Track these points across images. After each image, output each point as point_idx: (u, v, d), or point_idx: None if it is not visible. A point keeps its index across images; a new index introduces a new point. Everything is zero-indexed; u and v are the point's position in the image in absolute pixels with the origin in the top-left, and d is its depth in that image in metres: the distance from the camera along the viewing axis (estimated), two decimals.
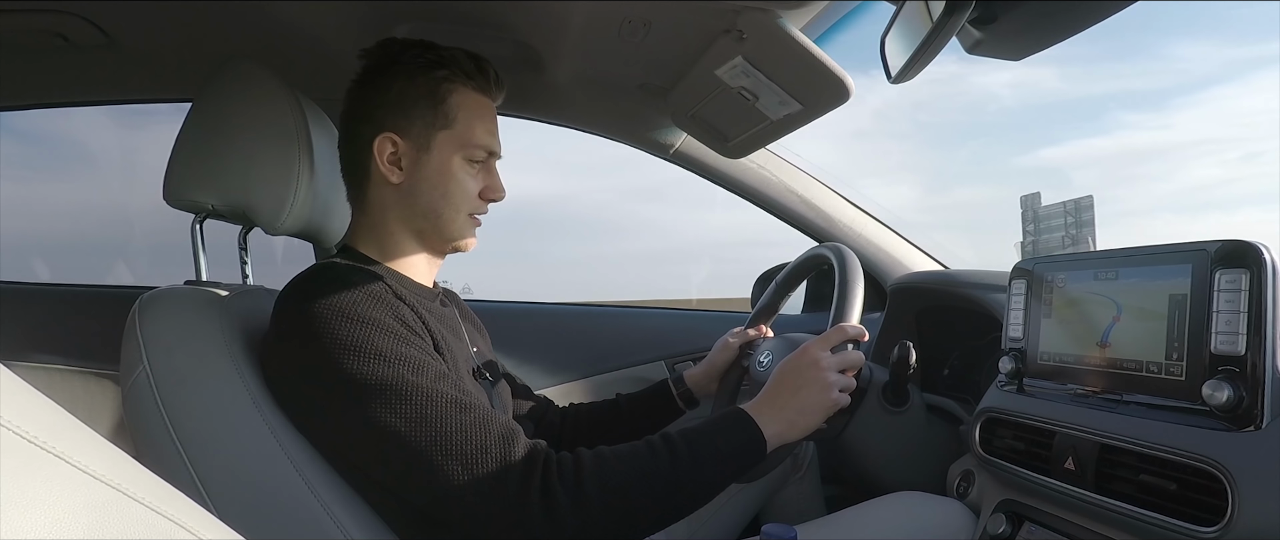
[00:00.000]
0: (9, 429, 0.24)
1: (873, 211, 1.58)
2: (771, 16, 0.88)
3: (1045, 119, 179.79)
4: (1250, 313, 0.68)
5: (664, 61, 1.09)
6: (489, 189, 0.88)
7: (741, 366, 1.14)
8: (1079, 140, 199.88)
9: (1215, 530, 0.65)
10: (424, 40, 0.86)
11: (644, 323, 1.71)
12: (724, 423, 0.81)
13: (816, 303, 1.70)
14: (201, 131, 0.86)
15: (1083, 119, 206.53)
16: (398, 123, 0.83)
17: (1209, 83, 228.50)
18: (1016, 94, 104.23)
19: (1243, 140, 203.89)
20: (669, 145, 1.45)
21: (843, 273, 0.94)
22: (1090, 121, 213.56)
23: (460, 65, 0.85)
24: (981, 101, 63.95)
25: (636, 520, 0.73)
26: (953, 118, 36.92)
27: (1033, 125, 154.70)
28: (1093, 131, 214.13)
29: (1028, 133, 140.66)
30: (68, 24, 1.06)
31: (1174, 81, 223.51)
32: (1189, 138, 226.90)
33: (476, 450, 0.69)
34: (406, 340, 0.73)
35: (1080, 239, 20.12)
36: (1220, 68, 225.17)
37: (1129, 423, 0.76)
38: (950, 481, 1.05)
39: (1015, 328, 0.96)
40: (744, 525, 1.22)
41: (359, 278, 0.76)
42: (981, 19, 0.67)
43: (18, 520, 0.22)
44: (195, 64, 1.19)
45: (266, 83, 0.87)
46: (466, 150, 0.85)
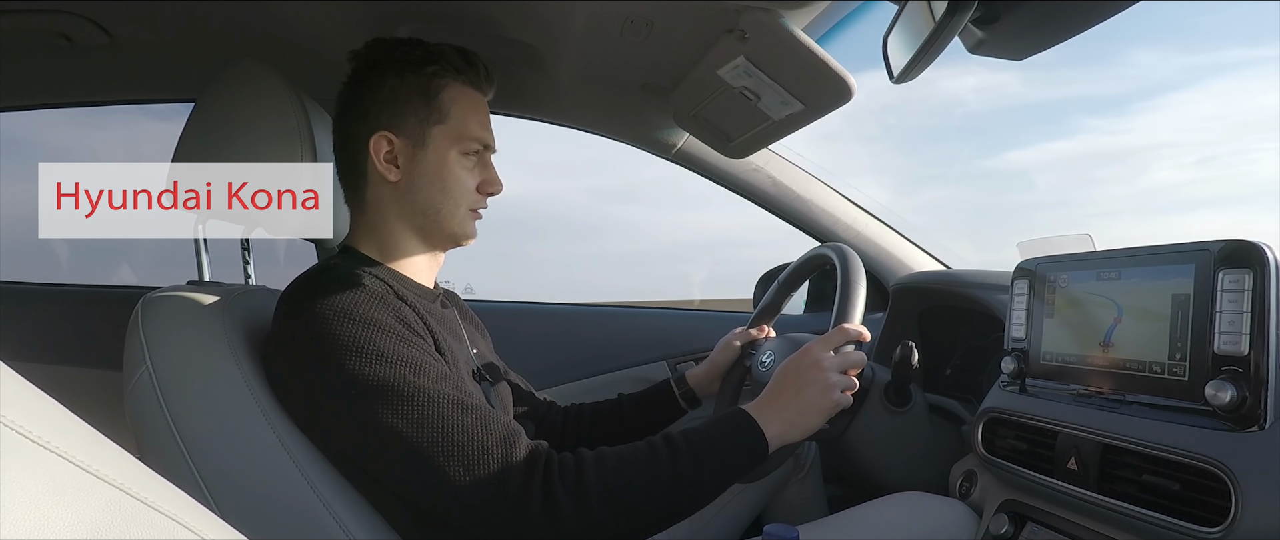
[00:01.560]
0: (11, 428, 0.24)
1: (875, 211, 1.58)
2: (774, 16, 0.88)
3: (1009, 122, 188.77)
4: (1253, 313, 0.67)
5: (666, 61, 1.09)
6: (486, 182, 0.88)
7: (743, 367, 1.14)
8: (1043, 144, 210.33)
9: (1218, 531, 0.64)
10: (412, 38, 0.86)
11: (646, 323, 1.71)
12: (726, 423, 0.80)
13: (819, 303, 1.70)
14: (204, 131, 0.86)
15: (1046, 123, 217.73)
16: (392, 121, 0.83)
17: (1166, 88, 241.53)
18: (981, 98, 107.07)
19: (1198, 144, 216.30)
20: (671, 145, 1.45)
21: (845, 273, 0.94)
22: (1053, 125, 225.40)
23: (450, 60, 0.85)
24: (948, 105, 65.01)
25: (638, 520, 0.73)
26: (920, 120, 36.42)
27: (997, 129, 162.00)
28: (1055, 135, 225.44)
29: (993, 136, 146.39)
30: (71, 24, 1.06)
31: (1133, 87, 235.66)
32: (1147, 142, 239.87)
33: (478, 451, 0.69)
34: (408, 341, 0.73)
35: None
36: (1177, 74, 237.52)
37: (1132, 423, 0.76)
38: (952, 482, 1.05)
39: (1018, 328, 0.96)
40: (746, 525, 1.22)
41: (360, 278, 0.76)
42: (984, 19, 0.67)
43: (21, 520, 0.22)
44: (198, 64, 1.19)
45: (269, 82, 0.87)
46: (461, 144, 0.85)
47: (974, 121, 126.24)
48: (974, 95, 61.47)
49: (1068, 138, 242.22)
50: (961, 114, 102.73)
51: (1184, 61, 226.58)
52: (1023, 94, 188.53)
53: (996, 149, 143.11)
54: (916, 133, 51.67)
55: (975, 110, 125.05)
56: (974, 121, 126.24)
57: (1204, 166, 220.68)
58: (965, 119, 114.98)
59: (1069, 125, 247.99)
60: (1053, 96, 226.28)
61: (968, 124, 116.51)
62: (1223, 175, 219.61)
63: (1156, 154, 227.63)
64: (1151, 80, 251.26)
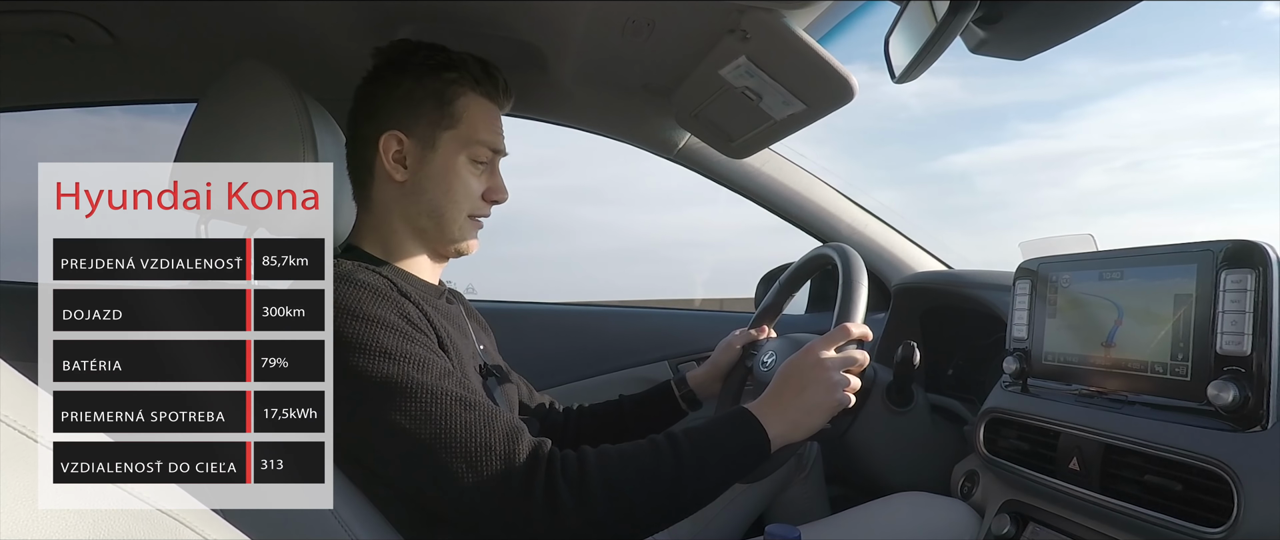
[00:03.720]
0: (10, 426, 0.24)
1: (877, 211, 1.58)
2: (775, 16, 0.88)
3: (951, 127, 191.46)
4: (1256, 313, 0.67)
5: (667, 61, 1.08)
6: (492, 190, 0.89)
7: (745, 367, 1.14)
8: (983, 148, 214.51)
9: (1221, 531, 0.64)
10: (437, 44, 0.87)
11: (647, 323, 1.70)
12: (728, 423, 0.80)
13: (820, 303, 1.70)
14: (206, 131, 0.86)
15: (986, 128, 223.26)
16: (403, 121, 0.84)
17: (1097, 96, 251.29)
18: (924, 103, 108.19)
19: (1127, 150, 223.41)
20: (673, 145, 1.45)
21: (847, 273, 0.94)
22: (993, 130, 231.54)
23: (470, 70, 0.86)
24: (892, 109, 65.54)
25: (640, 519, 0.73)
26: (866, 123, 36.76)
27: (940, 133, 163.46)
28: (995, 140, 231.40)
29: (936, 140, 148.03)
30: (73, 24, 1.06)
31: (1067, 93, 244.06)
32: (1081, 147, 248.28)
33: (481, 448, 0.69)
34: (411, 337, 0.73)
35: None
36: (1107, 82, 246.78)
37: (1134, 423, 0.76)
38: (954, 482, 1.05)
39: (1020, 328, 0.96)
40: (748, 525, 1.22)
41: (363, 275, 0.76)
42: (986, 18, 0.67)
43: (21, 517, 0.22)
44: (201, 63, 1.19)
45: (272, 82, 0.87)
46: (471, 149, 0.86)
47: (918, 126, 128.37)
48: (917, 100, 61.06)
49: (1006, 142, 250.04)
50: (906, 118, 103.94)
51: (1114, 71, 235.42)
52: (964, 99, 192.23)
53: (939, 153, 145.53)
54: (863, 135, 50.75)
55: (919, 114, 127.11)
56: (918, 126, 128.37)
57: (1132, 171, 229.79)
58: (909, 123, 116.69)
59: (1007, 130, 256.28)
60: (992, 102, 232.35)
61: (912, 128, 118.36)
62: (1150, 180, 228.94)
63: (1089, 159, 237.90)
64: (1084, 88, 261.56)
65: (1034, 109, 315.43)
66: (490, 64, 0.88)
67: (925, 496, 0.98)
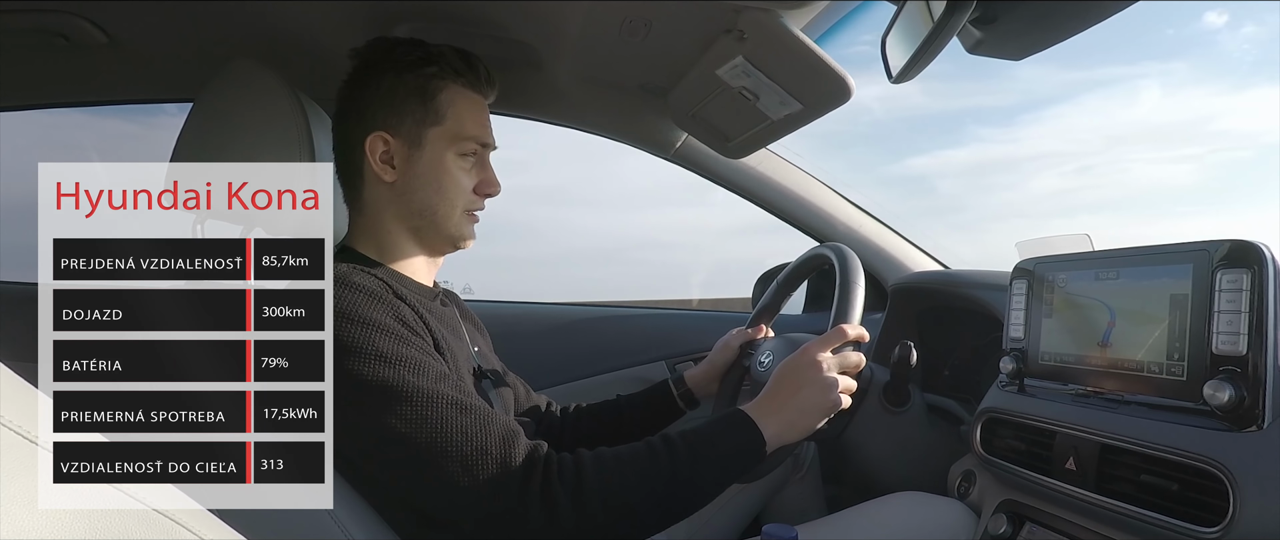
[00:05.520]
0: (9, 428, 0.24)
1: (873, 211, 1.58)
2: (772, 16, 0.88)
3: (911, 131, 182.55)
4: (1251, 313, 0.68)
5: (664, 61, 1.08)
6: (484, 183, 0.88)
7: (742, 367, 1.14)
8: (941, 151, 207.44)
9: (1216, 531, 0.65)
10: (413, 38, 0.86)
11: (644, 323, 1.70)
12: (724, 424, 0.80)
13: (817, 303, 1.70)
14: (203, 131, 0.86)
15: (943, 132, 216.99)
16: (388, 121, 0.83)
17: (1049, 102, 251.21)
18: (886, 107, 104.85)
19: (1077, 155, 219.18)
20: (670, 145, 1.45)
21: (843, 273, 0.94)
22: (950, 134, 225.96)
23: (449, 62, 0.85)
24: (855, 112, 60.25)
25: (636, 521, 0.73)
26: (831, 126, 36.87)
27: (900, 136, 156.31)
28: (952, 143, 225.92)
29: (896, 143, 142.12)
30: (69, 24, 1.06)
31: (1019, 99, 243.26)
32: (1033, 151, 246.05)
33: (477, 451, 0.69)
34: (407, 341, 0.73)
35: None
36: (1058, 88, 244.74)
37: (1130, 423, 0.76)
38: (951, 482, 1.05)
39: (1016, 328, 0.96)
40: (745, 526, 1.22)
41: (358, 278, 0.76)
42: (982, 19, 0.67)
43: (21, 518, 0.22)
44: (196, 64, 1.19)
45: (268, 83, 0.87)
46: (458, 144, 0.85)
47: (879, 129, 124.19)
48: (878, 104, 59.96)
49: (963, 146, 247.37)
50: (868, 121, 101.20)
51: (1064, 77, 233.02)
52: (923, 104, 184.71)
53: (900, 156, 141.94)
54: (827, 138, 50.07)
55: (880, 118, 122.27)
56: (879, 129, 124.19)
57: (1082, 175, 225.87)
58: (871, 126, 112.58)
59: (964, 134, 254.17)
60: (949, 107, 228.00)
61: (873, 131, 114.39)
62: (1099, 183, 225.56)
63: (1041, 162, 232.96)
64: (1036, 93, 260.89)
65: (989, 114, 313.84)
66: (470, 54, 0.87)
67: (922, 496, 0.99)
